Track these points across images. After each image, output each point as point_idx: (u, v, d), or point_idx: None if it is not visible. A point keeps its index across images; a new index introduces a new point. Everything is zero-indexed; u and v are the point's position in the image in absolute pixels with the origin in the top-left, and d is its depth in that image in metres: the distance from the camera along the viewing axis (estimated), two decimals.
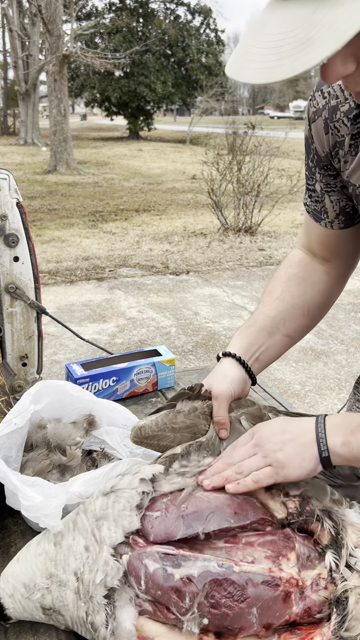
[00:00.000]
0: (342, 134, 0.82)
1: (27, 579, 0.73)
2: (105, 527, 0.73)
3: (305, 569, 0.71)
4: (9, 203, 1.21)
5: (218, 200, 7.75)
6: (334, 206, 0.93)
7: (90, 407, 1.02)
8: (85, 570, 0.71)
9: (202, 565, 0.69)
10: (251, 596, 0.67)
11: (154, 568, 0.69)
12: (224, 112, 28.74)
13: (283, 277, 1.00)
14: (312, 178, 0.93)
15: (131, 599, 0.68)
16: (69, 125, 14.75)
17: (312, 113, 0.85)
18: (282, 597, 0.68)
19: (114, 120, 33.87)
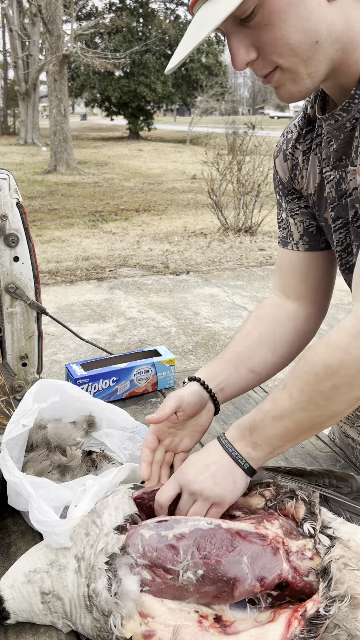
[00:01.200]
0: (296, 156, 0.96)
1: (28, 566, 0.76)
2: (106, 513, 0.78)
3: (290, 538, 0.77)
4: (9, 203, 1.21)
5: (218, 200, 7.76)
6: (298, 227, 1.02)
7: (90, 409, 1.02)
8: (86, 549, 0.74)
9: (192, 524, 0.76)
10: (240, 545, 0.73)
11: (150, 534, 0.75)
12: (224, 112, 28.70)
13: (253, 317, 1.07)
14: (280, 210, 1.06)
15: (130, 565, 0.72)
16: (69, 125, 14.75)
17: (276, 151, 1.01)
18: (271, 550, 0.73)
19: (114, 120, 33.88)
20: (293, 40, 0.72)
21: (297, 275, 1.05)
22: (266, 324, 1.05)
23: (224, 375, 0.98)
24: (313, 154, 0.93)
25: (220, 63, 28.99)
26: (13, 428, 0.86)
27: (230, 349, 1.02)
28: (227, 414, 1.32)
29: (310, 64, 0.74)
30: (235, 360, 1.00)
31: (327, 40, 0.73)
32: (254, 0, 0.69)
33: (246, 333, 1.03)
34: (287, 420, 0.77)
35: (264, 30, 0.71)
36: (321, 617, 0.67)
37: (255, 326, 1.04)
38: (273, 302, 1.08)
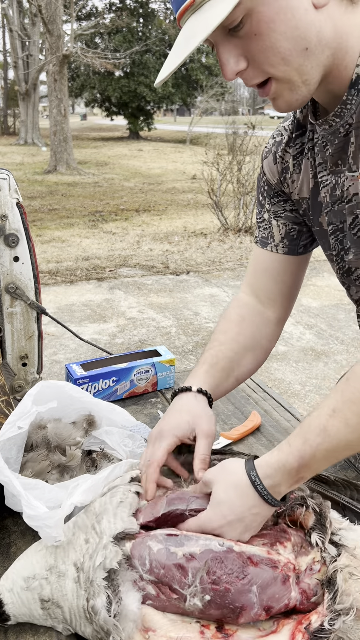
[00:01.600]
0: (287, 160, 0.96)
1: (27, 572, 0.75)
2: (105, 519, 0.75)
3: (300, 555, 0.74)
4: (9, 203, 1.21)
5: (218, 200, 7.75)
6: (280, 229, 1.02)
7: (90, 408, 1.02)
8: (86, 560, 0.72)
9: (203, 543, 0.72)
10: (251, 573, 0.70)
11: (158, 548, 0.71)
12: (224, 112, 28.70)
13: (235, 318, 1.04)
14: (261, 210, 1.06)
15: (135, 581, 0.70)
16: (69, 125, 14.75)
17: (265, 153, 1.01)
18: (281, 579, 0.71)
19: (114, 120, 33.88)
20: (283, 48, 0.71)
21: (272, 278, 1.05)
22: (250, 328, 1.04)
23: (220, 386, 0.99)
24: (305, 159, 0.93)
25: None
26: (8, 429, 0.86)
27: (222, 354, 1.00)
28: (227, 414, 1.32)
29: (303, 71, 0.74)
30: (228, 370, 1.00)
31: (317, 46, 0.73)
32: (242, 9, 0.69)
33: (233, 337, 1.02)
34: (342, 449, 0.71)
35: (254, 39, 0.72)
36: (325, 631, 0.66)
37: (241, 330, 1.03)
38: (249, 303, 1.07)
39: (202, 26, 0.69)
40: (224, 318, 1.06)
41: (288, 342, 4.37)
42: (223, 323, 1.05)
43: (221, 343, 1.01)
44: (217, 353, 0.99)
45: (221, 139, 10.50)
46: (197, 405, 0.91)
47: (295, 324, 4.75)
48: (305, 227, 1.04)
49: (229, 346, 1.00)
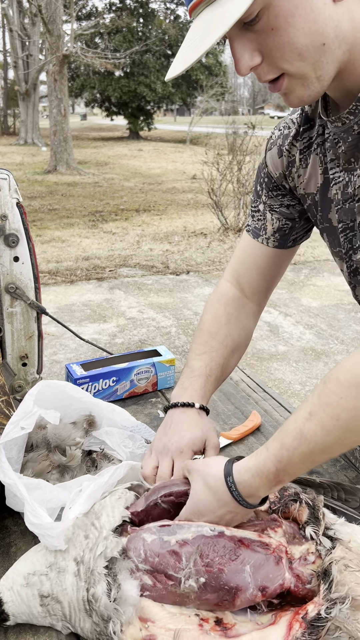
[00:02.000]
0: (293, 154, 0.95)
1: (27, 569, 0.76)
2: (104, 515, 0.77)
3: (293, 544, 0.76)
4: (9, 203, 1.21)
5: (218, 200, 7.75)
6: (274, 223, 1.03)
7: (90, 409, 1.02)
8: (86, 553, 0.74)
9: (195, 530, 0.74)
10: (243, 554, 0.72)
11: (152, 539, 0.73)
12: (224, 112, 28.70)
13: (223, 317, 1.05)
14: (257, 200, 1.05)
15: (132, 571, 0.71)
16: (69, 125, 14.75)
17: (270, 144, 1.00)
18: (273, 560, 0.72)
19: (114, 120, 33.87)
20: (300, 44, 0.70)
21: (259, 271, 1.06)
22: (237, 329, 1.05)
23: (210, 395, 1.02)
24: (314, 154, 0.91)
25: (220, 63, 28.98)
26: (11, 430, 0.86)
27: (215, 362, 1.01)
28: (227, 414, 1.32)
29: (319, 67, 0.72)
30: (219, 379, 1.03)
31: (334, 42, 0.71)
32: (259, 3, 0.67)
33: (222, 341, 1.03)
34: (319, 453, 0.69)
35: (270, 34, 0.69)
36: (322, 619, 0.67)
37: (230, 332, 1.04)
38: (235, 298, 1.08)
39: (219, 21, 0.67)
40: (213, 316, 1.06)
41: (288, 342, 4.37)
42: (212, 322, 1.05)
43: (212, 349, 1.02)
44: (210, 362, 1.01)
45: (221, 138, 10.50)
46: (202, 421, 0.96)
47: (295, 324, 4.75)
48: (298, 223, 1.04)
49: (220, 352, 1.02)
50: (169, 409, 0.98)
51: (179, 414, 0.96)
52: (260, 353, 4.18)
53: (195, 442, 0.92)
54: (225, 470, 0.75)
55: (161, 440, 0.94)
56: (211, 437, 0.94)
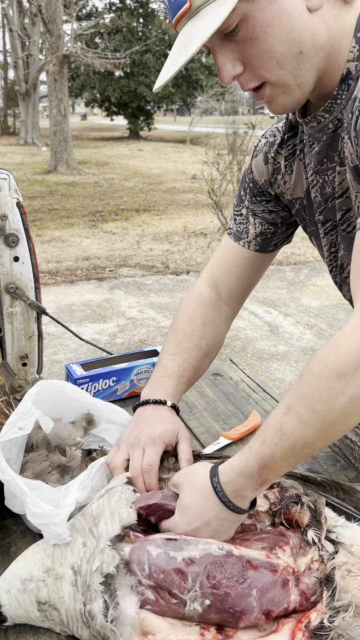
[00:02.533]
0: (278, 161, 0.97)
1: (24, 573, 0.74)
2: (102, 522, 0.75)
3: (299, 556, 0.74)
4: (9, 203, 1.21)
5: (218, 200, 7.75)
6: (256, 227, 1.04)
7: (89, 408, 1.02)
8: (82, 563, 0.72)
9: (203, 548, 0.71)
10: (251, 577, 0.70)
11: (157, 553, 0.71)
12: (224, 112, 28.71)
13: (199, 319, 1.05)
14: (240, 205, 1.07)
15: (133, 586, 0.70)
16: (69, 125, 14.74)
17: (256, 151, 1.03)
18: (280, 583, 0.70)
19: (114, 120, 33.87)
20: (279, 52, 0.73)
21: (238, 275, 1.06)
22: (211, 332, 1.05)
23: (180, 395, 1.01)
24: (298, 160, 0.94)
25: None
26: (9, 430, 0.86)
27: (189, 363, 1.01)
28: (227, 414, 1.32)
29: (298, 74, 0.75)
30: (191, 381, 1.03)
31: (311, 50, 0.74)
32: (237, 15, 0.70)
33: (197, 343, 1.02)
34: (299, 447, 0.69)
35: (249, 44, 0.73)
36: (325, 628, 0.66)
37: (204, 334, 1.04)
38: (211, 300, 1.08)
39: (199, 33, 0.70)
40: (188, 317, 1.05)
41: (288, 342, 4.37)
42: (187, 323, 1.04)
43: (186, 350, 1.01)
44: (183, 363, 1.00)
45: (221, 138, 10.51)
46: (173, 417, 0.95)
47: (295, 324, 4.75)
48: (280, 229, 1.05)
49: (193, 354, 1.01)
50: (139, 407, 0.97)
51: (150, 410, 0.95)
52: (260, 353, 4.18)
53: (167, 434, 0.91)
54: (211, 472, 0.75)
55: (132, 434, 0.91)
56: (183, 430, 0.93)
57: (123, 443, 0.91)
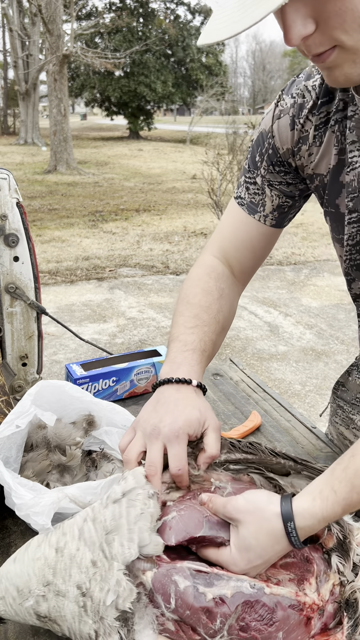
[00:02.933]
0: (307, 129, 0.85)
1: (22, 583, 0.69)
2: (117, 542, 0.66)
3: (323, 584, 0.70)
4: (9, 203, 1.21)
5: (218, 200, 7.75)
6: (273, 200, 0.93)
7: (90, 408, 1.01)
8: (93, 586, 0.65)
9: (235, 585, 0.65)
10: (280, 619, 0.65)
11: (185, 586, 0.64)
12: (224, 111, 28.70)
13: (215, 292, 0.94)
14: (254, 171, 0.93)
15: (153, 620, 0.64)
16: (69, 125, 14.75)
17: (279, 112, 0.88)
18: (304, 622, 0.67)
19: (114, 120, 33.88)
20: None
21: (252, 250, 0.97)
22: (227, 306, 0.95)
23: (203, 374, 0.90)
24: (330, 131, 0.83)
25: (220, 63, 29.00)
26: (6, 428, 0.86)
27: (208, 337, 0.89)
28: (227, 414, 1.31)
29: None
30: (211, 357, 0.91)
31: None
32: None
33: (214, 316, 0.91)
34: None
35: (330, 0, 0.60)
36: None
37: (221, 307, 0.93)
38: (224, 273, 0.97)
39: None
40: (203, 289, 0.94)
41: (288, 342, 4.37)
42: (203, 296, 0.93)
43: (204, 323, 0.90)
44: (204, 337, 0.89)
45: (221, 138, 10.51)
46: (200, 400, 0.82)
47: (295, 324, 4.75)
48: (298, 202, 0.95)
49: (212, 327, 0.91)
50: (159, 386, 0.83)
51: (173, 391, 0.81)
52: (260, 353, 4.18)
53: (191, 424, 0.78)
54: (285, 514, 0.66)
55: (149, 420, 0.79)
56: (210, 417, 0.80)
57: (139, 429, 0.79)
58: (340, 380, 1.14)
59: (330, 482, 0.66)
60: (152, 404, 0.82)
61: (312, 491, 0.66)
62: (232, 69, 72.69)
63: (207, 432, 0.79)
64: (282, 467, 0.79)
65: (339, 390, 1.14)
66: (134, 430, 0.80)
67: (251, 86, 70.99)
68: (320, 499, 0.65)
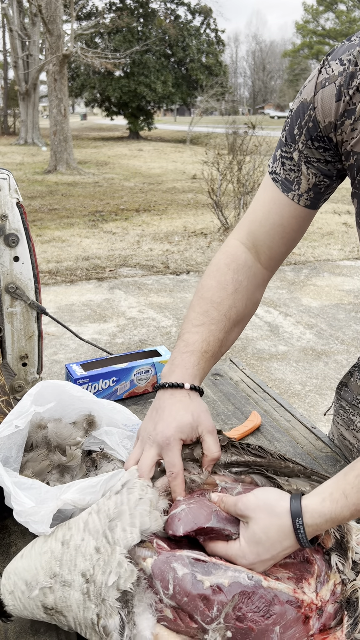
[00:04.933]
0: (355, 101, 0.77)
1: (29, 576, 0.71)
2: (119, 527, 0.68)
3: (322, 584, 0.70)
4: (9, 203, 1.21)
5: (218, 200, 7.75)
6: (309, 178, 0.86)
7: (91, 407, 1.01)
8: (96, 572, 0.67)
9: (232, 575, 0.67)
10: (277, 613, 0.66)
11: (183, 573, 0.66)
12: (224, 112, 28.73)
13: (230, 286, 0.89)
14: (291, 145, 0.86)
15: (151, 604, 0.66)
16: (69, 125, 14.75)
17: (323, 79, 0.80)
18: (302, 620, 0.67)
19: (114, 120, 33.88)
20: None
21: (283, 234, 0.90)
22: (243, 300, 0.90)
23: (204, 374, 0.89)
24: None
25: (220, 63, 29.00)
26: (5, 427, 0.86)
27: (214, 338, 0.87)
28: (227, 414, 1.32)
29: None
30: (217, 356, 0.89)
31: None
32: None
33: (225, 313, 0.88)
34: None
35: None
36: None
37: (235, 302, 0.89)
38: (247, 263, 0.92)
39: None
40: (218, 282, 0.90)
41: (288, 342, 4.37)
42: (216, 290, 0.89)
43: (212, 321, 0.87)
44: (209, 336, 0.86)
45: (221, 138, 10.51)
46: (192, 403, 0.82)
47: (295, 324, 4.75)
48: (335, 182, 0.89)
49: (220, 325, 0.87)
50: (157, 390, 0.85)
51: (167, 396, 0.82)
52: (260, 353, 4.18)
53: (183, 429, 0.79)
54: (294, 511, 0.67)
55: (146, 428, 0.82)
56: (204, 420, 0.80)
57: (140, 437, 0.83)
58: (343, 380, 1.14)
59: (341, 486, 0.67)
60: (150, 410, 0.84)
61: (322, 492, 0.67)
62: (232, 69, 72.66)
63: (203, 436, 0.80)
64: (291, 471, 0.79)
65: (342, 391, 1.14)
66: (137, 437, 0.84)
67: (251, 86, 70.93)
68: (330, 500, 0.66)
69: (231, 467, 0.82)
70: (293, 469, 0.79)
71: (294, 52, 52.94)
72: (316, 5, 46.35)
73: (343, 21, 44.46)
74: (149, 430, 0.81)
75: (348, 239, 7.77)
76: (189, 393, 0.83)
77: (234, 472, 0.81)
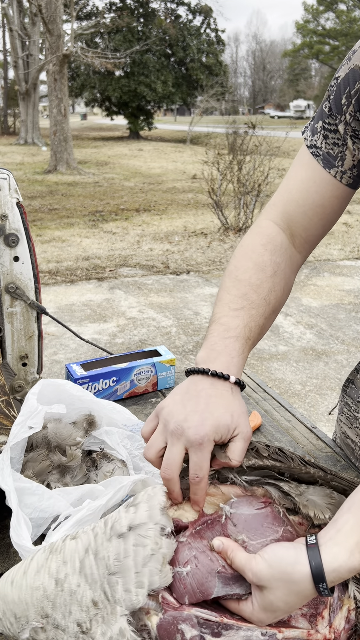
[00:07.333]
0: None
1: (19, 610, 0.64)
2: (121, 586, 0.60)
3: (335, 613, 0.66)
4: (9, 203, 1.21)
5: (218, 200, 7.75)
6: (355, 154, 0.79)
7: (91, 407, 1.01)
8: (94, 627, 0.61)
9: (245, 635, 0.61)
10: None
11: (192, 635, 0.60)
12: (224, 111, 28.71)
13: (269, 268, 0.81)
14: (336, 116, 0.79)
15: None
16: (69, 125, 14.75)
17: None
18: None
19: (114, 119, 33.90)
20: None
21: (322, 215, 0.84)
22: (281, 284, 0.83)
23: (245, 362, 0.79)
24: None
25: (221, 63, 29.00)
26: (19, 430, 0.85)
27: (256, 324, 0.78)
28: None
29: None
30: (255, 342, 0.80)
31: None
32: None
33: (265, 297, 0.80)
34: None
35: None
36: None
37: (274, 286, 0.81)
38: (283, 245, 0.84)
39: None
40: (256, 263, 0.82)
41: (288, 342, 4.37)
42: (255, 271, 0.81)
43: (252, 305, 0.78)
44: (250, 322, 0.77)
45: (221, 138, 10.51)
46: (235, 402, 0.71)
47: (295, 324, 4.75)
48: None
49: (261, 310, 0.79)
50: (192, 374, 0.72)
51: (207, 385, 0.70)
52: (261, 353, 4.18)
53: (219, 429, 0.68)
54: (316, 575, 0.59)
55: (174, 414, 0.69)
56: (243, 424, 0.70)
57: (162, 421, 0.70)
58: (350, 377, 1.13)
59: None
60: (180, 393, 0.71)
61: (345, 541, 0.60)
62: (232, 69, 72.64)
63: (236, 439, 0.70)
64: (311, 476, 0.72)
65: (349, 388, 1.14)
66: (157, 417, 0.71)
67: (251, 86, 70.93)
68: (358, 551, 0.59)
69: (246, 472, 0.73)
70: (313, 474, 0.72)
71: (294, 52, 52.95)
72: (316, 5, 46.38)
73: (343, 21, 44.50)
74: (179, 420, 0.68)
75: (348, 239, 7.77)
76: (232, 388, 0.72)
77: (247, 481, 0.73)
